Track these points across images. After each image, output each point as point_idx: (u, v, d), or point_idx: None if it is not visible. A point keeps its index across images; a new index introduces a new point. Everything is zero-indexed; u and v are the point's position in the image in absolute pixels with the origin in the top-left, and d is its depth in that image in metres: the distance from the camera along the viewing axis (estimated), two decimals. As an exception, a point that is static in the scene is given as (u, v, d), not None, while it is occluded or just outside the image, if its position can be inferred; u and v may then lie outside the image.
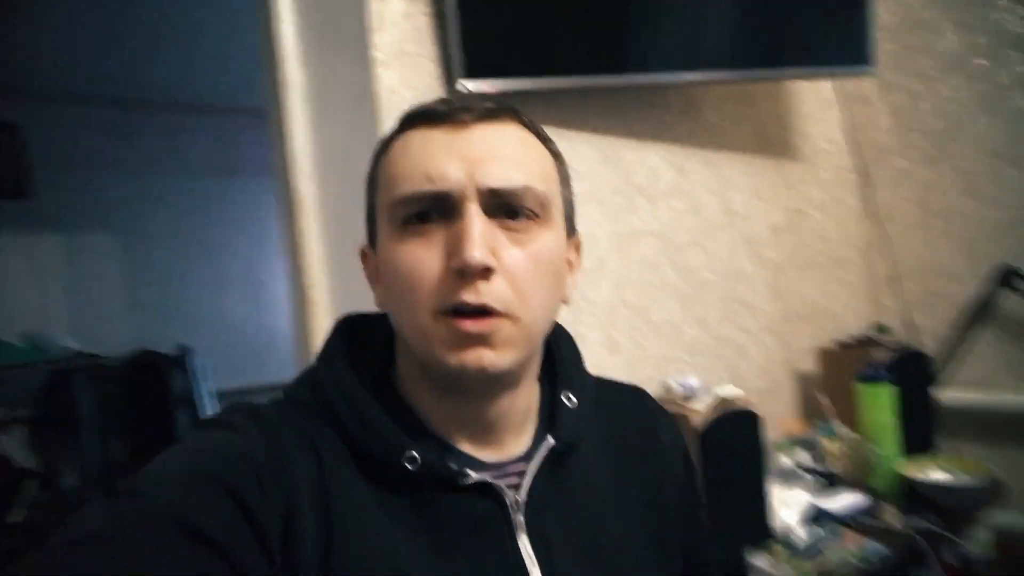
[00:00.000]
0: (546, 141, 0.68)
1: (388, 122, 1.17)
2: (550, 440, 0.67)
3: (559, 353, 0.73)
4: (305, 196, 1.33)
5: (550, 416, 0.70)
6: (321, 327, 1.30)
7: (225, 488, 0.53)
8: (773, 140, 1.78)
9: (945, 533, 1.25)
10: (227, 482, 0.54)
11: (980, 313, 1.69)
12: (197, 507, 0.51)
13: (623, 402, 0.79)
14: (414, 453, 0.61)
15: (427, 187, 0.60)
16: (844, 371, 1.57)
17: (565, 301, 0.68)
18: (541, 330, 0.64)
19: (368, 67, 1.20)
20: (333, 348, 0.68)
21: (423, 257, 0.60)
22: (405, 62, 1.22)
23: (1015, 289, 1.62)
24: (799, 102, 1.82)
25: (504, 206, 0.61)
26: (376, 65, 1.19)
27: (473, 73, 1.21)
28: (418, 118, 0.64)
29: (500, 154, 0.62)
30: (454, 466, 0.62)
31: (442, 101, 0.65)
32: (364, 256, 0.72)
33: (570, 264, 0.70)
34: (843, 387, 1.54)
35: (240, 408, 0.64)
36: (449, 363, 0.60)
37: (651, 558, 0.71)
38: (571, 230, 0.69)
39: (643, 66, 1.40)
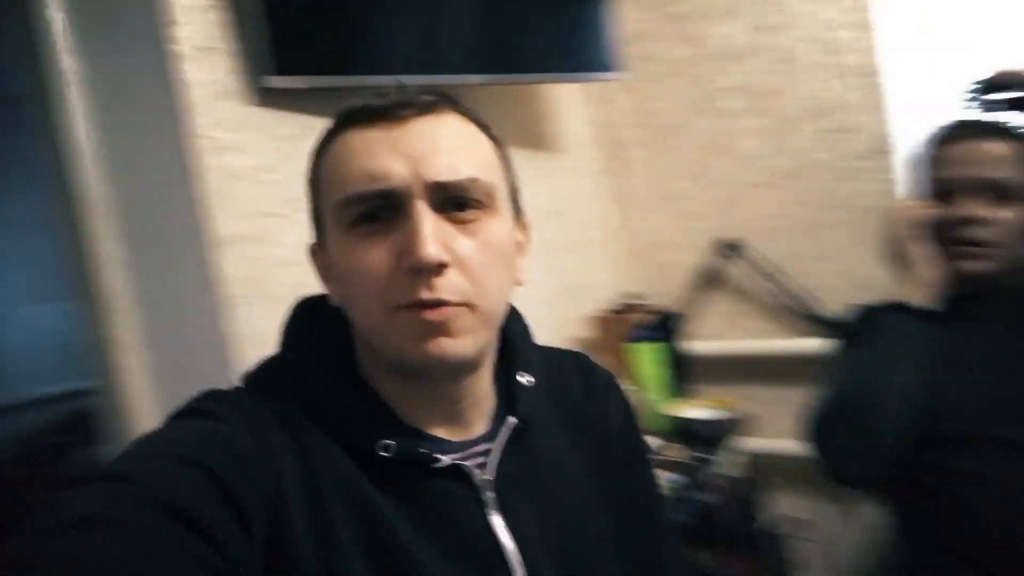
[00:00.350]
0: (485, 128, 0.68)
1: (191, 118, 1.14)
2: (511, 420, 0.69)
3: (512, 334, 0.74)
4: (95, 196, 1.23)
5: (508, 395, 0.72)
6: (130, 336, 1.22)
7: (210, 474, 0.53)
8: (537, 135, 1.98)
9: (708, 458, 1.54)
10: (211, 468, 0.53)
11: (707, 278, 2.04)
12: (186, 492, 0.50)
13: (568, 369, 0.81)
14: (388, 441, 0.62)
15: (372, 187, 0.60)
16: (614, 334, 1.82)
17: (518, 283, 0.69)
18: (498, 315, 0.66)
19: (166, 61, 1.15)
20: (296, 334, 0.68)
21: (375, 257, 0.60)
22: (205, 56, 1.18)
23: (728, 257, 1.99)
24: (556, 100, 2.04)
25: (452, 199, 0.61)
26: (175, 59, 1.14)
27: (283, 70, 1.21)
28: (356, 116, 0.64)
29: (443, 147, 0.62)
30: (426, 451, 0.63)
31: (379, 95, 0.64)
32: (313, 253, 0.71)
33: (520, 246, 0.71)
34: (615, 347, 1.78)
35: (215, 396, 0.64)
36: (412, 355, 0.60)
37: (607, 517, 0.74)
38: (518, 213, 0.70)
39: (430, 68, 1.48)
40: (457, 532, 0.63)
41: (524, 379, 0.72)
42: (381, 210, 0.61)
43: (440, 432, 0.67)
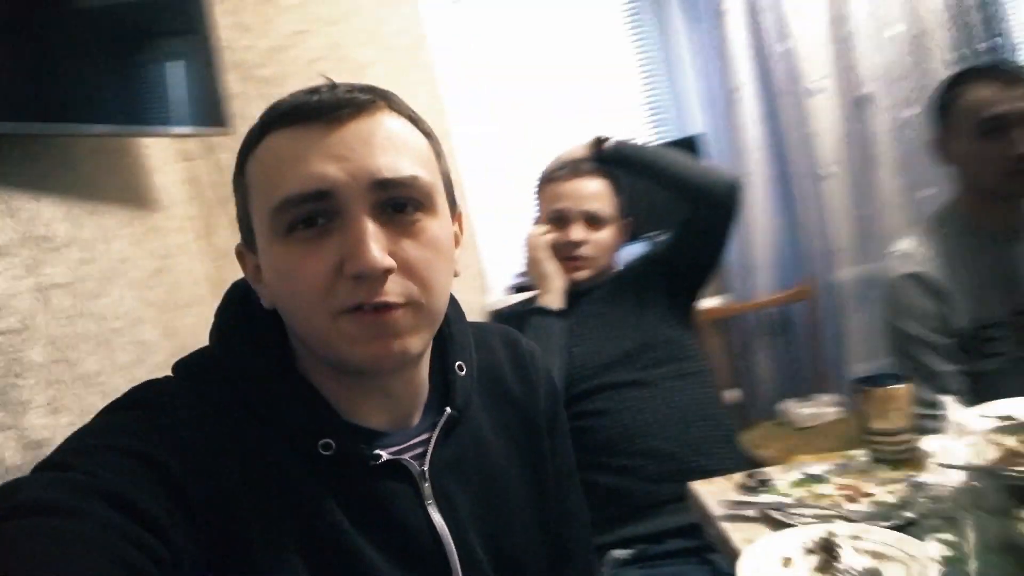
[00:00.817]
0: (418, 123, 0.66)
1: None
2: (448, 411, 0.70)
3: (450, 324, 0.74)
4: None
5: (444, 384, 0.72)
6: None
7: (153, 464, 0.52)
8: (136, 191, 1.87)
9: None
10: (155, 458, 0.53)
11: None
12: (127, 482, 0.50)
13: (497, 346, 0.81)
14: (329, 440, 0.62)
15: (310, 191, 0.58)
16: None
17: (456, 274, 0.68)
18: (442, 310, 0.67)
19: None
20: (232, 325, 0.65)
21: (314, 263, 0.59)
22: None
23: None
24: (151, 157, 1.96)
25: (391, 200, 0.60)
26: None
27: None
28: (288, 115, 0.61)
29: (381, 148, 0.60)
30: (365, 449, 0.64)
31: (309, 93, 0.62)
32: (240, 256, 0.67)
33: (456, 239, 0.70)
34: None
35: (155, 387, 0.60)
36: (357, 358, 0.60)
37: (531, 495, 0.77)
38: (453, 205, 0.69)
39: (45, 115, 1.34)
40: (396, 523, 0.65)
41: (460, 369, 0.73)
42: (319, 215, 0.59)
43: (379, 424, 0.67)
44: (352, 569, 0.60)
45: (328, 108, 0.60)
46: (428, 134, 0.67)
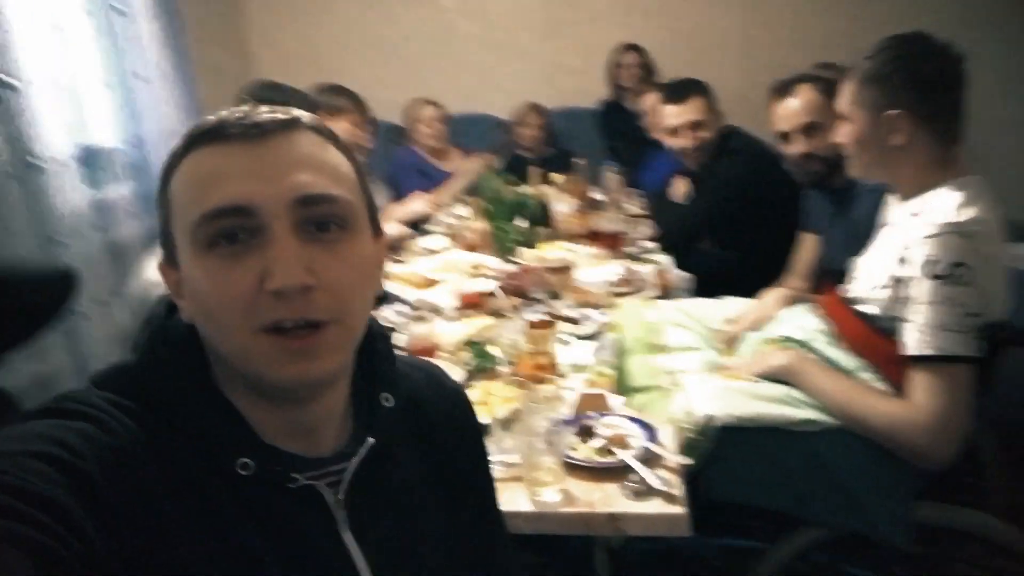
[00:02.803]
0: (340, 144, 0.67)
1: None
2: (370, 440, 0.69)
3: (376, 351, 0.73)
4: None
5: (368, 412, 0.71)
6: None
7: (74, 472, 0.53)
8: None
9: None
10: (76, 467, 0.53)
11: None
12: (50, 485, 0.51)
13: (421, 382, 0.81)
14: (247, 460, 0.61)
15: (232, 205, 0.58)
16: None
17: (377, 295, 0.68)
18: (361, 331, 0.66)
19: None
20: (155, 341, 0.64)
21: (235, 279, 0.58)
22: None
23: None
24: None
25: (313, 218, 0.60)
26: None
27: None
28: (211, 133, 0.61)
29: (302, 166, 0.61)
30: (281, 471, 0.63)
31: (231, 113, 0.62)
32: (163, 271, 0.66)
33: (378, 260, 0.70)
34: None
35: (73, 397, 0.60)
36: (275, 377, 0.60)
37: (451, 528, 0.76)
38: (375, 226, 0.69)
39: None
40: (310, 548, 0.64)
41: (386, 400, 0.72)
42: (240, 230, 0.59)
43: (294, 447, 0.66)
44: None
45: (250, 126, 0.61)
46: (350, 155, 0.68)
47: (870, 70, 1.39)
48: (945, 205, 1.32)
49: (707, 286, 2.30)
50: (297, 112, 0.64)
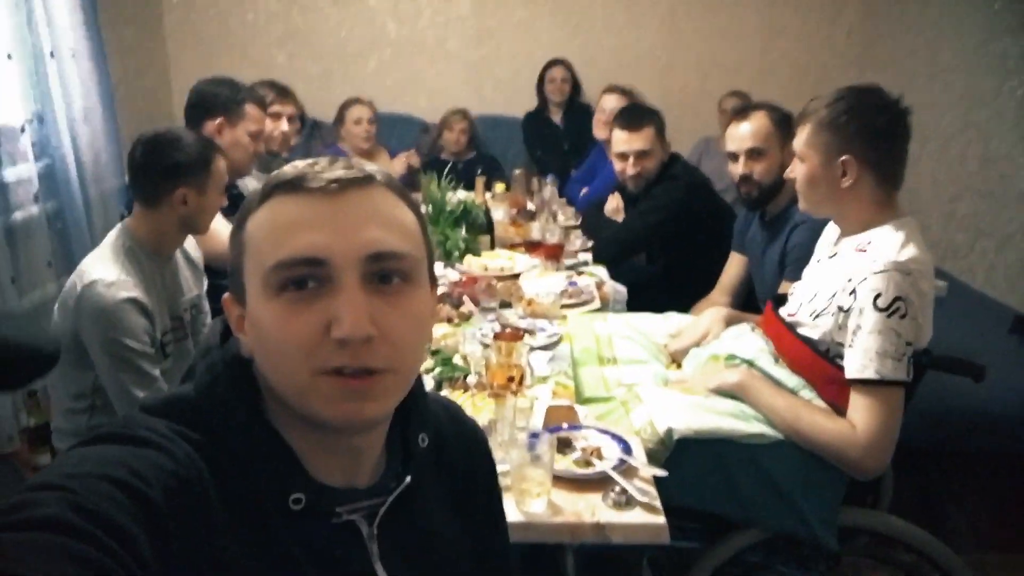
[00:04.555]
0: (410, 201, 0.70)
1: None
2: (408, 479, 0.72)
3: (415, 396, 0.75)
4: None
5: (404, 450, 0.75)
6: None
7: (141, 499, 0.54)
8: None
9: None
10: (142, 493, 0.54)
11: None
12: (119, 511, 0.52)
13: (441, 417, 0.83)
14: (300, 495, 0.64)
15: (306, 256, 0.61)
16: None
17: (430, 343, 0.72)
18: (413, 378, 0.70)
19: None
20: (210, 375, 0.66)
21: (300, 323, 0.61)
22: None
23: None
24: None
25: (379, 271, 0.64)
26: None
27: None
28: (288, 185, 0.64)
29: (374, 222, 0.64)
30: (330, 506, 0.67)
31: (310, 166, 0.65)
32: (228, 304, 0.68)
33: (432, 311, 0.75)
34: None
35: (140, 423, 0.62)
36: (330, 415, 0.63)
37: (470, 559, 0.80)
38: (432, 280, 0.73)
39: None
40: None
41: (422, 440, 0.76)
42: (311, 278, 0.62)
43: (335, 480, 0.69)
44: None
45: (330, 180, 0.64)
46: (417, 211, 0.71)
47: (826, 117, 1.53)
48: (888, 244, 1.47)
49: (634, 298, 2.42)
50: (372, 169, 0.68)
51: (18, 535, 0.48)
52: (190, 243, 1.96)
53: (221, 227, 2.06)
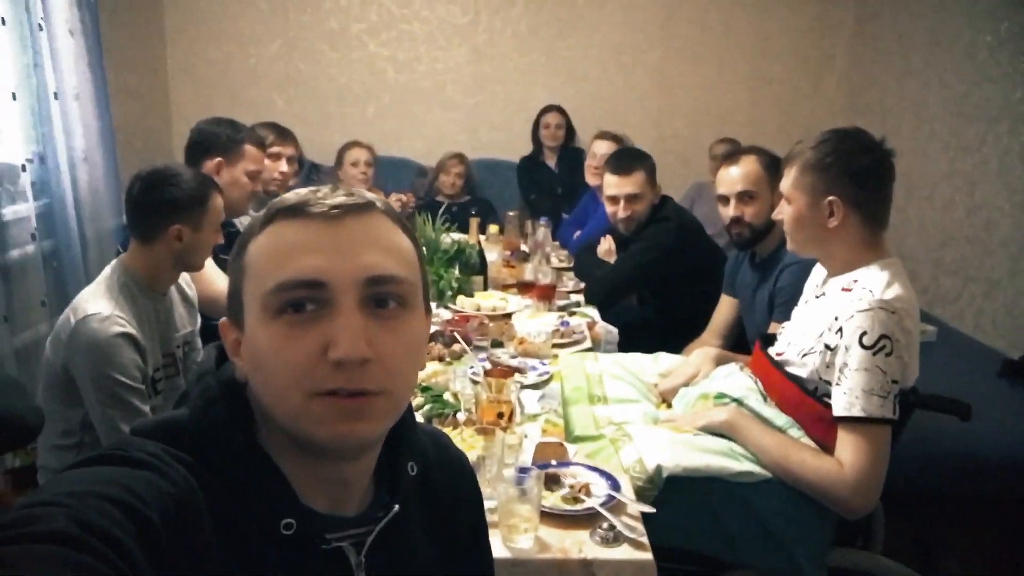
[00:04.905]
0: (407, 229, 0.72)
1: None
2: (396, 508, 0.73)
3: (405, 421, 0.75)
4: None
5: (392, 478, 0.75)
6: None
7: (138, 517, 0.55)
8: None
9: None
10: (139, 512, 0.55)
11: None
12: (118, 527, 0.53)
13: (427, 446, 0.83)
14: (291, 520, 0.65)
15: (305, 279, 0.63)
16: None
17: (422, 368, 0.74)
18: (406, 402, 0.71)
19: None
20: (203, 399, 0.67)
21: (297, 345, 0.62)
22: None
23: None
24: None
25: (376, 295, 0.65)
26: None
27: None
28: (290, 210, 0.66)
29: (373, 246, 0.65)
30: (320, 533, 0.67)
31: (312, 192, 0.67)
32: (225, 329, 0.69)
33: (426, 336, 0.74)
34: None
35: (136, 445, 0.62)
36: (323, 435, 0.63)
37: None
38: (427, 306, 0.74)
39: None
40: None
41: (411, 469, 0.77)
42: (309, 301, 0.63)
43: (323, 506, 0.70)
44: None
45: (330, 207, 0.65)
46: (414, 239, 0.73)
47: (812, 159, 1.57)
48: (874, 283, 1.50)
49: (625, 339, 2.43)
50: (371, 196, 0.70)
51: (23, 547, 0.48)
52: (185, 279, 1.98)
53: (212, 272, 2.08)
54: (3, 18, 2.69)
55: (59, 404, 1.71)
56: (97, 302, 1.67)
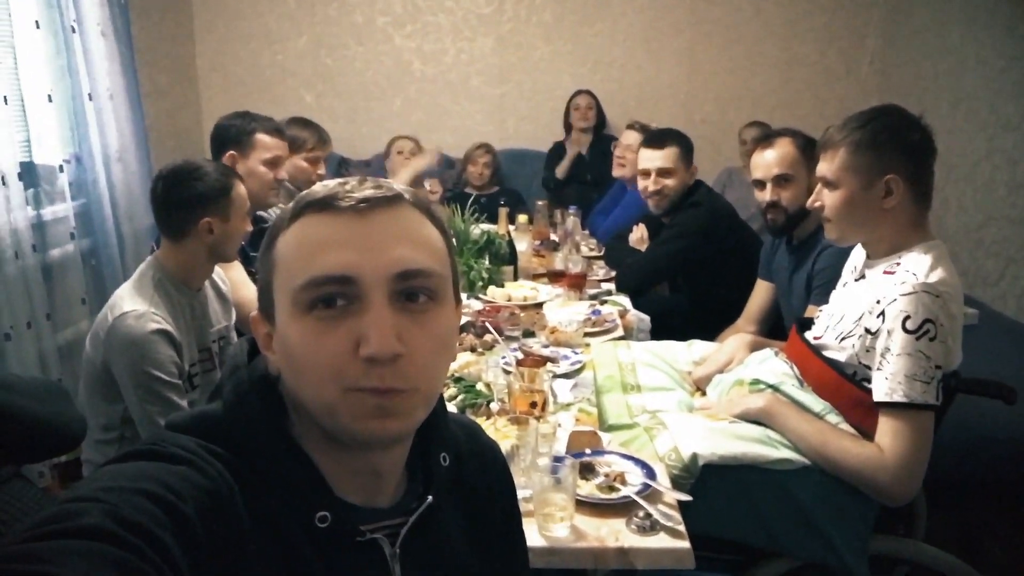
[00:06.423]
0: (437, 220, 0.70)
1: None
2: (429, 499, 0.73)
3: (436, 414, 0.75)
4: None
5: (425, 469, 0.75)
6: None
7: (175, 512, 0.55)
8: None
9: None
10: (176, 508, 0.55)
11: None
12: (156, 523, 0.53)
13: (459, 437, 0.83)
14: (326, 513, 0.65)
15: (336, 275, 0.62)
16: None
17: (453, 359, 0.73)
18: (437, 395, 0.71)
19: None
20: (238, 393, 0.67)
21: (329, 342, 0.62)
22: None
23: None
24: None
25: (406, 289, 0.64)
26: None
27: None
28: (318, 204, 0.65)
29: (402, 241, 0.64)
30: (355, 525, 0.67)
31: (340, 185, 0.66)
32: (256, 322, 0.69)
33: (456, 330, 0.74)
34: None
35: (172, 441, 0.63)
36: (357, 430, 0.63)
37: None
38: (457, 297, 0.73)
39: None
40: None
41: (443, 460, 0.76)
42: (340, 296, 0.63)
43: (357, 498, 0.70)
44: None
45: (359, 200, 0.65)
46: (444, 229, 0.72)
47: (863, 138, 1.52)
48: (918, 267, 1.46)
49: (658, 327, 2.41)
50: (400, 188, 0.68)
51: (60, 543, 0.48)
52: (219, 275, 2.00)
53: (238, 279, 2.10)
54: (37, 21, 2.74)
55: (100, 399, 1.74)
56: (133, 299, 1.70)
